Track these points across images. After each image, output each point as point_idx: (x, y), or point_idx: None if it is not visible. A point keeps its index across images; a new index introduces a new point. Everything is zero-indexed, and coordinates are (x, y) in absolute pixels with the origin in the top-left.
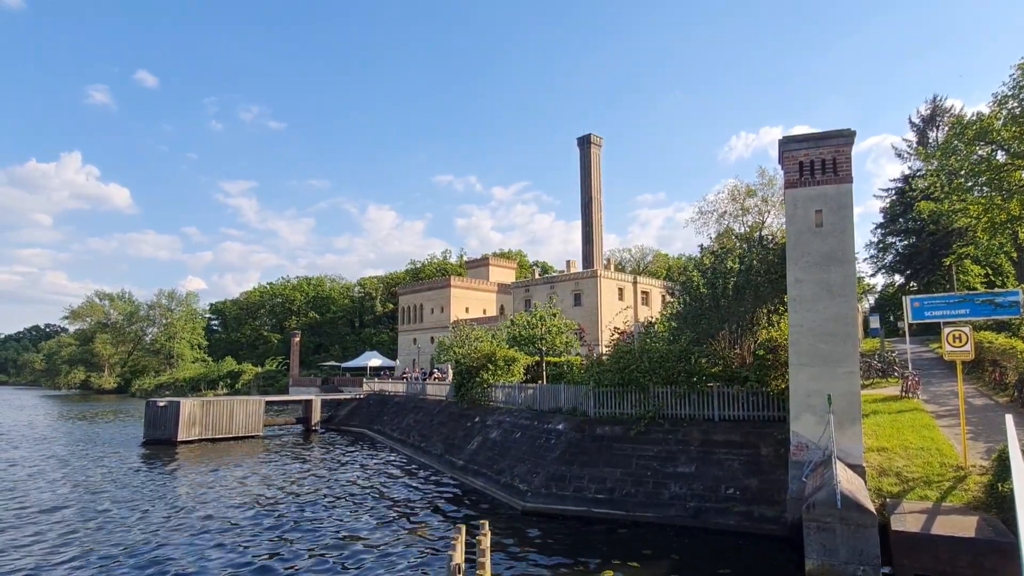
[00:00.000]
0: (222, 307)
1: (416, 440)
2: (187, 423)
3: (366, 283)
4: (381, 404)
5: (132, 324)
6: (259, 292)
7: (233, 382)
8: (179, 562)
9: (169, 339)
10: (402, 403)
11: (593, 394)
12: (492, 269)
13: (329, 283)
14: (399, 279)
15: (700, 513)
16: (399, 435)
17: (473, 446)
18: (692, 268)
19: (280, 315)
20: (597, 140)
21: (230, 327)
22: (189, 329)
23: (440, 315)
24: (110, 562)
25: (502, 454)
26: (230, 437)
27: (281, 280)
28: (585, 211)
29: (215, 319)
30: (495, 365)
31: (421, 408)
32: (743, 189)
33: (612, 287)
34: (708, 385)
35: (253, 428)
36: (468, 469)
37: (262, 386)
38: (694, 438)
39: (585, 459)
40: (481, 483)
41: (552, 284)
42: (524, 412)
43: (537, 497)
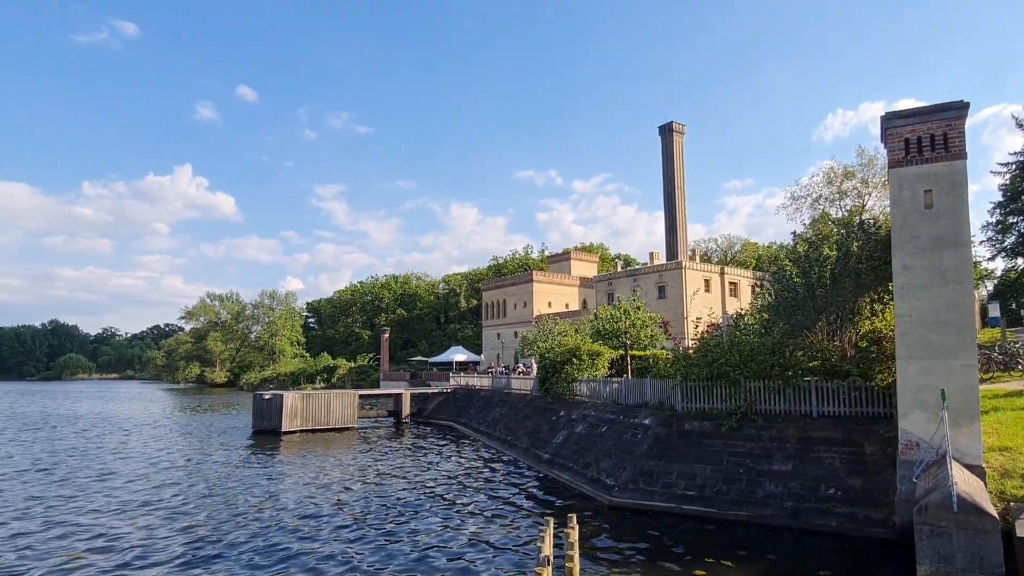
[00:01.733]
0: (318, 305)
1: (502, 433)
2: (290, 415)
3: (450, 280)
4: (467, 398)
5: (239, 323)
6: (351, 291)
7: (329, 376)
8: (291, 541)
9: (271, 336)
10: (488, 397)
11: (680, 388)
12: (574, 263)
13: (415, 281)
14: (482, 275)
15: (798, 513)
16: (485, 428)
17: (559, 440)
18: (784, 257)
19: (370, 312)
20: (679, 128)
21: (325, 324)
22: (289, 327)
23: (523, 310)
24: (223, 539)
25: (588, 448)
26: (328, 428)
27: (371, 279)
28: (668, 201)
29: (312, 317)
30: (579, 359)
31: (506, 402)
32: (840, 171)
33: (698, 278)
34: (805, 379)
35: (348, 420)
36: (554, 462)
37: (355, 380)
38: (790, 435)
39: (673, 455)
40: (567, 477)
41: (635, 277)
42: (609, 406)
43: (624, 492)
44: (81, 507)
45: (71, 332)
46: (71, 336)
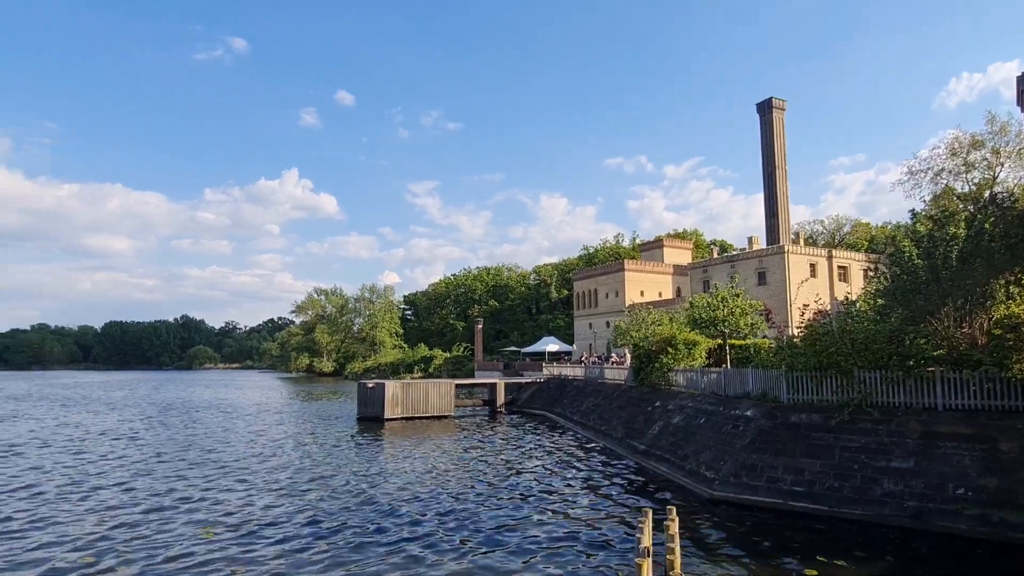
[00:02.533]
0: (414, 298)
1: (596, 423)
2: (391, 403)
3: (541, 271)
4: (560, 387)
5: (343, 315)
6: (445, 283)
7: (426, 366)
8: (396, 523)
9: (372, 328)
10: (581, 387)
11: (786, 379)
12: (667, 251)
13: (507, 272)
14: (573, 265)
15: (921, 514)
16: (579, 418)
17: (655, 430)
18: (903, 237)
19: (464, 304)
20: (779, 104)
21: (421, 316)
22: (388, 319)
23: (615, 299)
24: (336, 518)
25: (686, 439)
26: (426, 416)
27: (463, 271)
28: (768, 182)
29: (408, 309)
30: (675, 349)
31: (600, 392)
32: (966, 140)
33: (802, 263)
34: (928, 369)
35: (445, 408)
36: (650, 453)
37: (451, 370)
38: (911, 429)
39: (779, 448)
40: (665, 468)
41: (733, 263)
42: (708, 397)
43: (726, 486)
44: (213, 486)
45: (199, 326)
46: (199, 330)
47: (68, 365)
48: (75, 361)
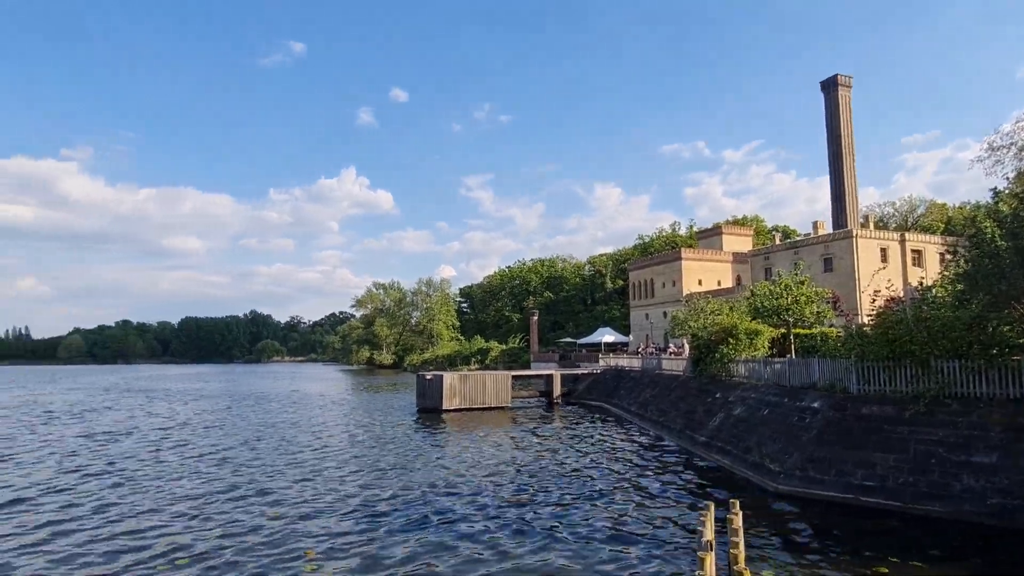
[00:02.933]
0: (469, 291)
1: (654, 415)
2: (449, 394)
3: (596, 261)
4: (617, 379)
5: (401, 309)
6: (500, 276)
7: (483, 358)
8: (458, 511)
9: (429, 321)
10: (638, 378)
11: (855, 369)
12: (725, 238)
13: (561, 263)
14: (628, 255)
15: (1007, 512)
16: (637, 409)
17: (715, 422)
18: (983, 217)
19: (519, 296)
20: (845, 81)
21: (477, 309)
22: (444, 312)
23: (672, 289)
24: (400, 504)
25: (748, 431)
26: (483, 407)
27: (518, 263)
28: (834, 164)
29: (464, 302)
30: (736, 339)
31: (657, 383)
32: None
33: (872, 248)
34: (1013, 359)
35: (502, 400)
36: (711, 446)
37: (507, 362)
38: (995, 422)
39: (848, 441)
40: (726, 460)
41: (796, 249)
42: (771, 388)
43: (791, 479)
44: (284, 472)
45: (267, 321)
46: (267, 324)
47: (149, 359)
48: (155, 355)
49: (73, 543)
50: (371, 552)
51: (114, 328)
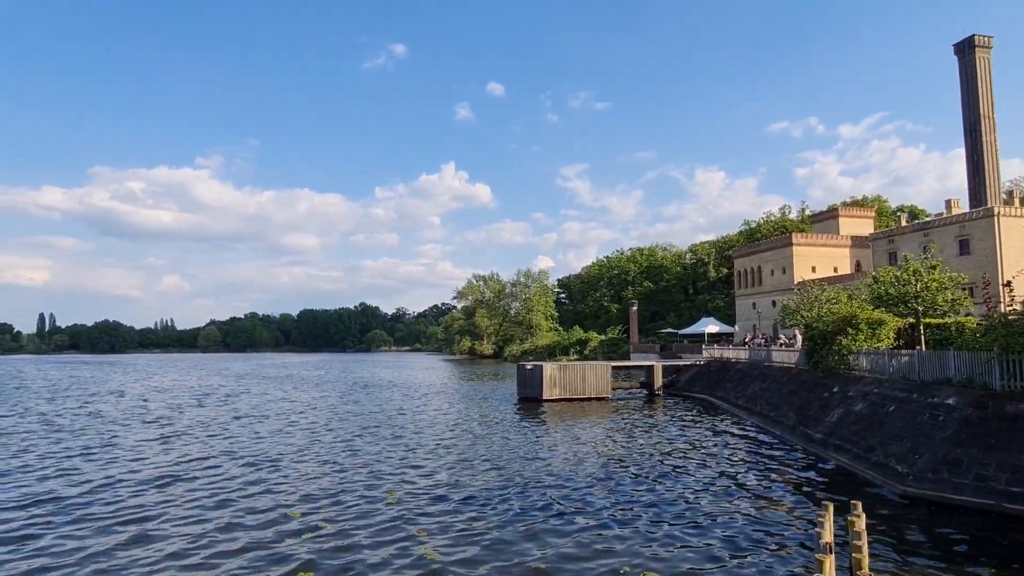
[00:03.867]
0: (567, 281)
1: (764, 409)
2: (549, 384)
3: (697, 249)
4: (722, 371)
5: (500, 300)
6: (597, 266)
7: (581, 349)
8: (567, 504)
9: (528, 312)
10: (745, 370)
11: (999, 362)
12: (842, 221)
13: (661, 252)
14: (732, 242)
15: None
16: (744, 403)
17: (833, 418)
18: None
19: (617, 286)
20: (984, 42)
21: (575, 299)
22: (543, 303)
23: (781, 277)
24: (504, 491)
25: (870, 429)
26: (583, 398)
27: (616, 253)
28: (971, 135)
29: (562, 293)
30: (856, 329)
31: (767, 375)
32: None
33: (1017, 227)
34: None
35: (602, 390)
36: (828, 443)
37: (606, 353)
38: None
39: (991, 442)
40: (845, 459)
41: (926, 231)
42: (897, 382)
43: (921, 482)
44: (396, 456)
45: (375, 312)
46: (375, 316)
47: (273, 348)
48: (278, 344)
49: (224, 515)
50: (482, 538)
51: (243, 320)
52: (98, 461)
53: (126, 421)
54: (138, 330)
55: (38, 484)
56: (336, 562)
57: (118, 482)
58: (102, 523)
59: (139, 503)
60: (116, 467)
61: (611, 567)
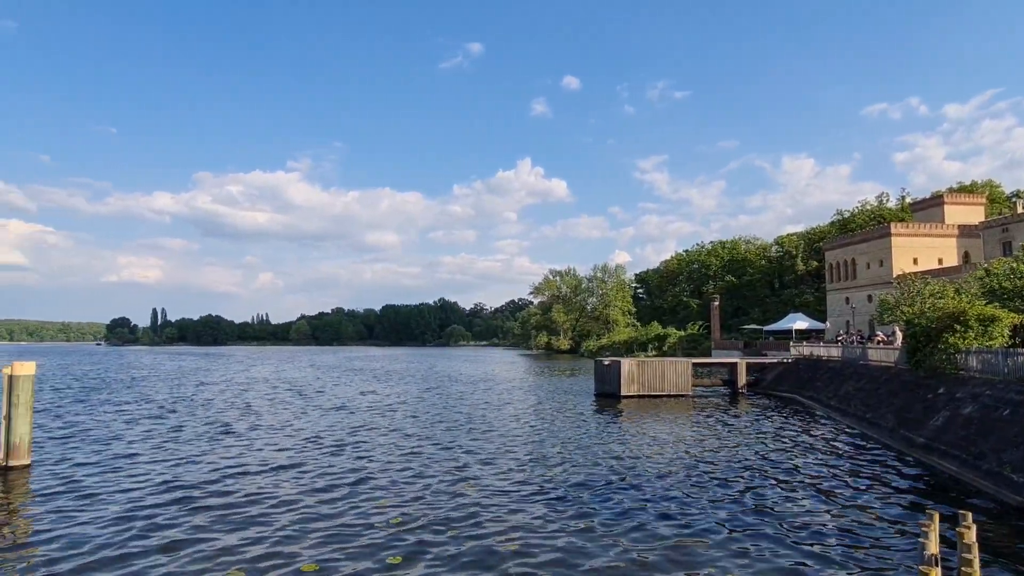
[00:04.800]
0: (645, 276)
1: (858, 410)
2: (627, 380)
3: (784, 241)
4: (812, 369)
5: (577, 295)
6: (676, 260)
7: (660, 345)
8: (648, 502)
9: (605, 307)
10: (838, 369)
11: None
12: (948, 209)
13: (744, 245)
14: (823, 233)
15: None
16: (836, 403)
17: (938, 422)
18: None
19: (697, 280)
20: None
21: (653, 294)
22: (620, 298)
23: (879, 269)
24: (581, 485)
25: (982, 434)
26: (662, 395)
27: (696, 246)
28: None
29: (640, 288)
30: (965, 326)
31: (862, 375)
32: None
33: None
34: None
35: (682, 388)
36: (932, 448)
37: (686, 349)
38: None
39: None
40: (952, 466)
41: None
42: (1013, 384)
43: None
44: (476, 448)
45: (453, 308)
46: (453, 311)
47: (358, 342)
48: (362, 338)
49: (314, 503)
50: (559, 536)
51: (331, 315)
52: (215, 448)
53: (236, 410)
54: (237, 324)
55: (169, 470)
56: (414, 550)
57: (235, 468)
58: (222, 505)
59: (252, 487)
60: (232, 454)
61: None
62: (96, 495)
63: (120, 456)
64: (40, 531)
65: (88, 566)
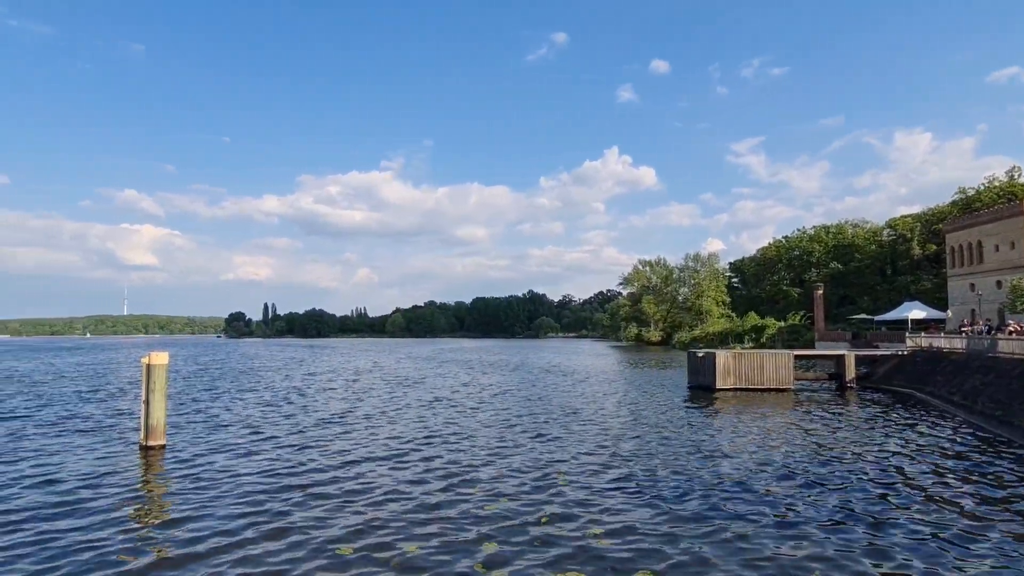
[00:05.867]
0: (740, 264)
1: (987, 407)
2: (723, 373)
3: (897, 224)
4: (932, 361)
5: (667, 286)
6: (775, 247)
7: (757, 336)
8: (745, 502)
9: (697, 297)
10: (962, 362)
11: None
12: None
13: (851, 229)
14: (942, 214)
15: None
16: (960, 399)
17: None
18: None
19: (798, 268)
20: None
21: (749, 283)
22: (713, 288)
23: (1009, 252)
24: (673, 484)
25: None
26: (761, 388)
27: (797, 232)
28: None
29: (735, 277)
30: None
31: (991, 368)
32: None
33: None
34: None
35: (783, 381)
36: None
37: (786, 340)
38: None
39: None
40: None
41: None
42: None
43: None
44: (568, 438)
45: (542, 300)
46: (542, 303)
47: (449, 334)
48: (453, 330)
49: (412, 487)
50: (656, 532)
51: (424, 308)
52: (330, 436)
53: (346, 400)
54: (338, 317)
55: (289, 455)
56: (507, 536)
57: (348, 456)
58: (338, 493)
59: (365, 474)
60: (345, 442)
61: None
62: (222, 473)
63: (243, 438)
64: (173, 502)
65: (212, 537)
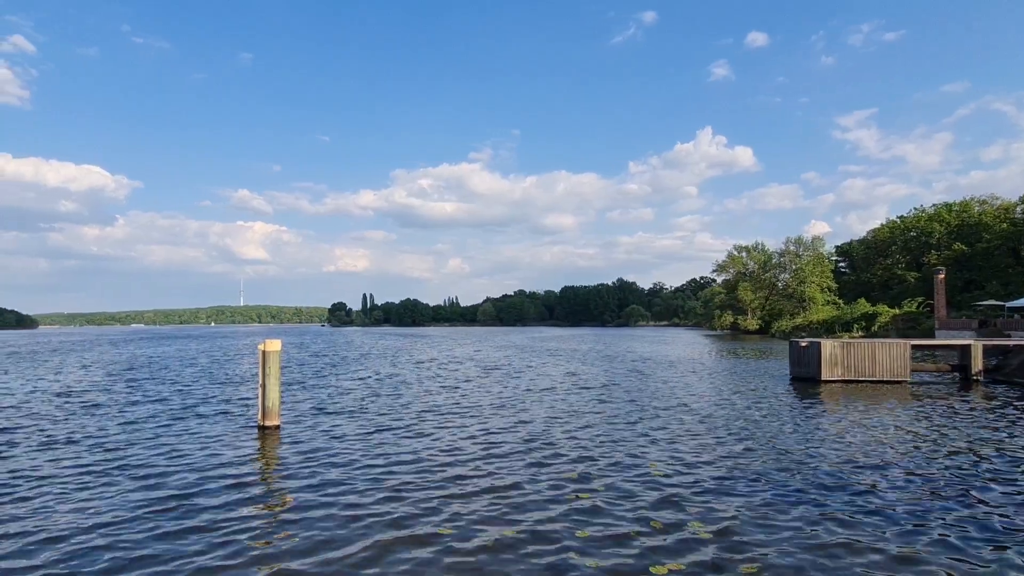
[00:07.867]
0: (848, 248)
1: None
2: (828, 363)
3: None
4: None
5: (766, 272)
6: (888, 228)
7: (867, 324)
8: (846, 502)
9: (800, 284)
10: None
11: None
12: None
13: (978, 206)
14: None
15: None
16: None
17: None
18: None
19: (915, 250)
20: None
21: (859, 268)
22: (818, 273)
23: None
24: (772, 480)
25: None
26: (872, 380)
27: (913, 211)
28: None
29: (842, 261)
30: None
31: None
32: None
33: None
34: None
35: (898, 373)
36: None
37: (900, 329)
38: None
39: None
40: None
41: None
42: None
43: None
44: (661, 428)
45: (631, 287)
46: (632, 291)
47: (538, 322)
48: (543, 319)
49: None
50: (741, 518)
51: (513, 297)
52: (442, 424)
53: (453, 389)
54: (432, 307)
55: (397, 440)
56: (595, 530)
57: (458, 446)
58: (464, 479)
59: (483, 465)
60: (458, 432)
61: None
62: (332, 453)
63: (353, 419)
64: (289, 478)
65: (324, 517)
